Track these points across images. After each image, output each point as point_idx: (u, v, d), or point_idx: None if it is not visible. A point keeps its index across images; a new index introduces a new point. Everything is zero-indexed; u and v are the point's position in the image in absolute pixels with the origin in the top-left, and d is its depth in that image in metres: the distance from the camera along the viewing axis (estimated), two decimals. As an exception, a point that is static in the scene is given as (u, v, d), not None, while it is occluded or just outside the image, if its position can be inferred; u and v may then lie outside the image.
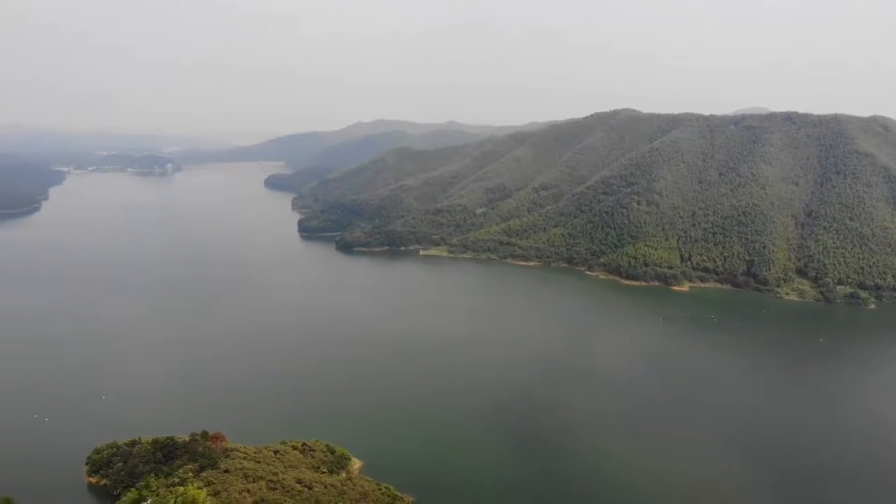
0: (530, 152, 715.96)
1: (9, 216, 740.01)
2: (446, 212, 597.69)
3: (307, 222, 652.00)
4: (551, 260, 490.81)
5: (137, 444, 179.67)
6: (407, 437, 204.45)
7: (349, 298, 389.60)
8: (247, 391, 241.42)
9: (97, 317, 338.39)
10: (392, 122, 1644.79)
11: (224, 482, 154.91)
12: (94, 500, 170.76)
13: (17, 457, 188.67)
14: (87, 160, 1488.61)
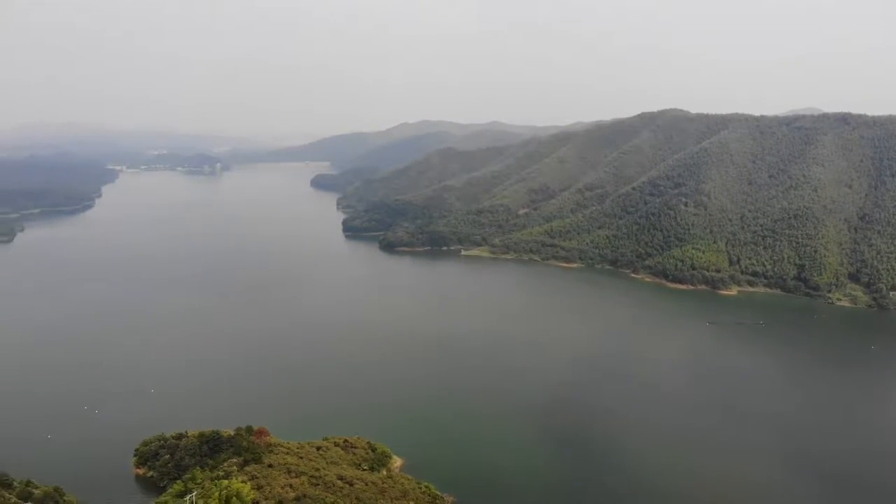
0: (575, 152, 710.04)
1: (64, 213, 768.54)
2: (488, 212, 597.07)
3: (351, 222, 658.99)
4: (595, 262, 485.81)
5: (184, 437, 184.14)
6: (448, 436, 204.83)
7: (391, 297, 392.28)
8: (290, 386, 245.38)
9: (148, 312, 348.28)
10: (436, 123, 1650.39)
11: (267, 477, 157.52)
12: (141, 491, 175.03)
13: (67, 448, 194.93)
14: (138, 159, 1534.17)
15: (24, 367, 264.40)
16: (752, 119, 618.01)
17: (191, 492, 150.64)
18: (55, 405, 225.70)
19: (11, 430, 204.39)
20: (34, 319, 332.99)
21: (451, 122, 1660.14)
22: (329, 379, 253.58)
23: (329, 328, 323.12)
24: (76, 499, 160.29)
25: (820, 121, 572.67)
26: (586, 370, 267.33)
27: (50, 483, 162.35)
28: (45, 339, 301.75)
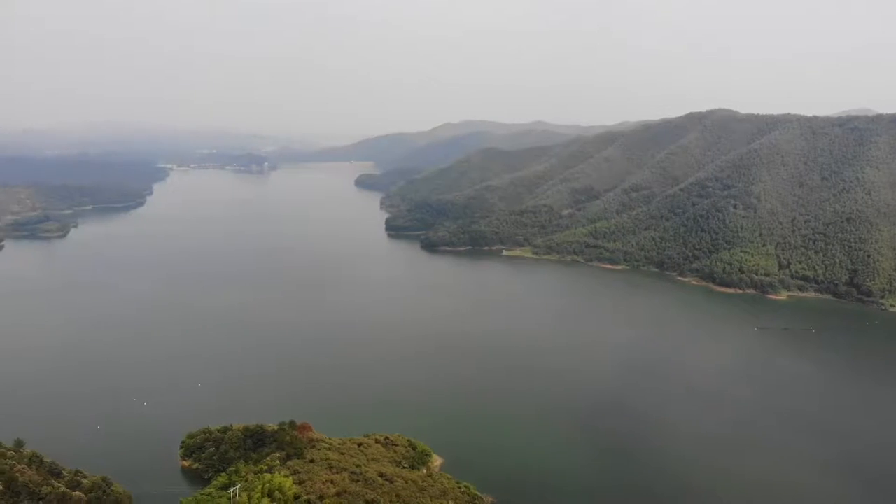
0: (620, 152, 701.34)
1: (117, 209, 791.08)
2: (531, 212, 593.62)
3: (394, 221, 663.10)
4: (640, 264, 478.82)
5: (229, 430, 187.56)
6: (487, 436, 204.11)
7: (432, 296, 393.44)
8: (332, 383, 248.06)
9: (196, 307, 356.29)
10: (479, 123, 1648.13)
11: (309, 472, 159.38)
12: (186, 483, 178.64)
13: (115, 439, 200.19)
14: (188, 158, 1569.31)
15: (76, 359, 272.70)
16: (803, 120, 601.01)
17: (234, 485, 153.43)
18: (105, 397, 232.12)
19: (63, 421, 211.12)
20: (86, 313, 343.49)
21: (494, 122, 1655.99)
22: (371, 376, 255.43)
23: (370, 326, 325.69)
24: (123, 489, 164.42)
25: (874, 122, 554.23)
26: (630, 373, 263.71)
27: (98, 473, 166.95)
28: (96, 332, 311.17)
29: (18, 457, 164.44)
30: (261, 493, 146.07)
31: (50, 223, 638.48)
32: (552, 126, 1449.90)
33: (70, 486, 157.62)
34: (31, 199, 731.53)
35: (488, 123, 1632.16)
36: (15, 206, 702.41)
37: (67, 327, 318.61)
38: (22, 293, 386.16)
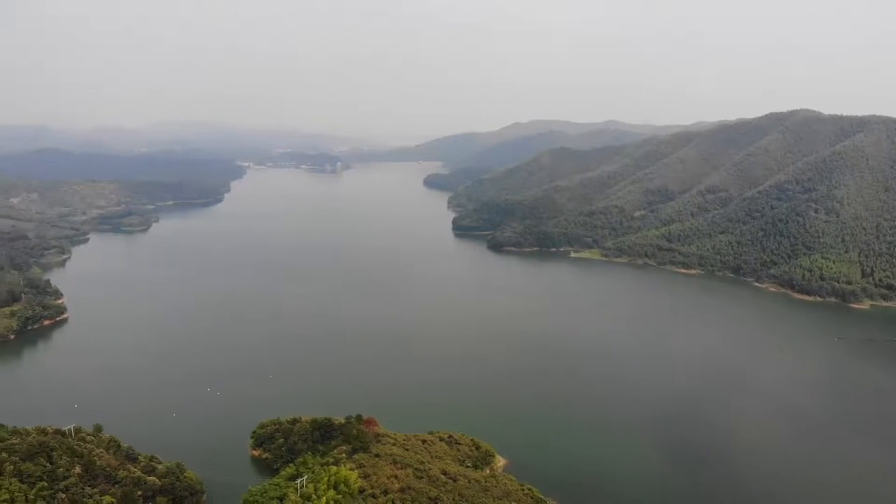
0: (696, 153, 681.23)
1: (197, 206, 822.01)
2: (601, 213, 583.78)
3: (460, 221, 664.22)
4: (715, 268, 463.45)
5: (298, 422, 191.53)
6: (554, 439, 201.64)
7: (497, 296, 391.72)
8: (398, 378, 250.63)
9: (269, 299, 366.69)
10: (549, 122, 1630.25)
11: (374, 466, 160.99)
12: (255, 472, 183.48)
13: (190, 426, 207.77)
14: (265, 156, 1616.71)
15: (155, 349, 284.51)
16: (890, 122, 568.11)
17: (302, 476, 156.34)
18: (181, 386, 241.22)
19: (141, 408, 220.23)
20: (165, 305, 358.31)
21: (565, 122, 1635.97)
22: (436, 373, 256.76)
23: (436, 323, 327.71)
24: (195, 475, 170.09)
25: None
26: (703, 381, 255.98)
27: (172, 459, 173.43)
28: (174, 323, 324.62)
29: (97, 441, 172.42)
30: (326, 486, 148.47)
31: (133, 217, 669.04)
32: (625, 126, 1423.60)
33: (145, 471, 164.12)
34: (116, 194, 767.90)
35: (559, 123, 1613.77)
36: (101, 200, 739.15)
37: (147, 318, 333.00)
38: (103, 285, 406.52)
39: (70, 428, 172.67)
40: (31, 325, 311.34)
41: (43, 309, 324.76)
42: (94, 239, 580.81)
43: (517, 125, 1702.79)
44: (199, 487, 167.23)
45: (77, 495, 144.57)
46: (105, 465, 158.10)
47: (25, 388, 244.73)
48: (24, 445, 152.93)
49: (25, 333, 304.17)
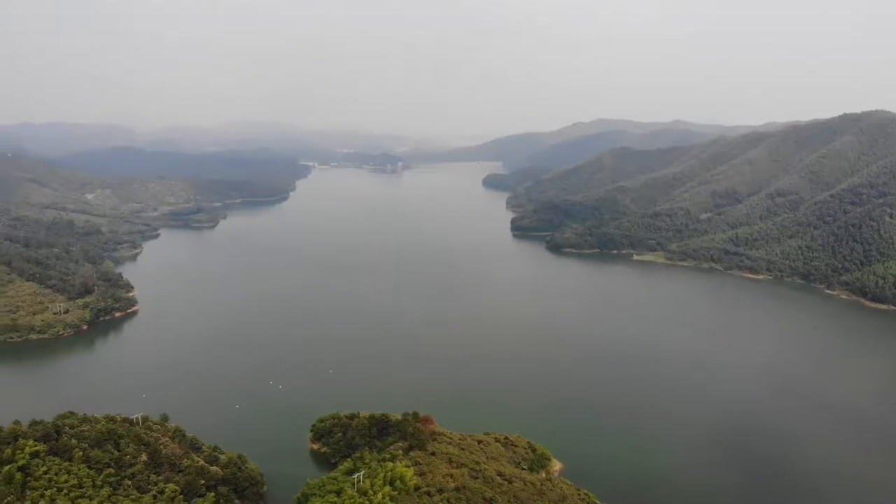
0: (765, 154, 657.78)
1: (265, 203, 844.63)
2: (665, 215, 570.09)
3: (519, 221, 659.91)
4: (784, 274, 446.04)
5: (356, 417, 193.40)
6: (613, 445, 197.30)
7: (556, 298, 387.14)
8: (455, 378, 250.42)
9: (331, 295, 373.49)
10: (612, 122, 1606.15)
11: (430, 464, 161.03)
12: (314, 465, 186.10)
13: (252, 418, 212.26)
14: (329, 156, 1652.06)
15: (220, 342, 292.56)
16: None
17: (359, 471, 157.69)
18: (245, 378, 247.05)
19: (205, 399, 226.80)
20: (230, 299, 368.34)
21: (629, 121, 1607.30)
22: (492, 374, 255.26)
23: (493, 324, 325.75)
24: (256, 466, 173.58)
25: None
26: (767, 391, 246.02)
27: (234, 450, 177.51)
28: (239, 317, 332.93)
29: (163, 430, 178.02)
30: (383, 481, 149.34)
31: (201, 214, 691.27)
32: (692, 126, 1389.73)
33: (208, 460, 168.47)
34: (186, 191, 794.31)
35: (622, 122, 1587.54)
36: (171, 197, 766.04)
37: (213, 312, 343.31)
38: (173, 279, 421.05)
39: (138, 417, 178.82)
40: (103, 317, 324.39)
41: (114, 301, 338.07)
42: (165, 234, 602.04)
43: (579, 125, 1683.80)
44: (260, 479, 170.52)
45: (142, 482, 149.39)
46: (170, 454, 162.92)
47: (96, 378, 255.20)
48: (93, 432, 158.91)
49: (97, 324, 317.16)
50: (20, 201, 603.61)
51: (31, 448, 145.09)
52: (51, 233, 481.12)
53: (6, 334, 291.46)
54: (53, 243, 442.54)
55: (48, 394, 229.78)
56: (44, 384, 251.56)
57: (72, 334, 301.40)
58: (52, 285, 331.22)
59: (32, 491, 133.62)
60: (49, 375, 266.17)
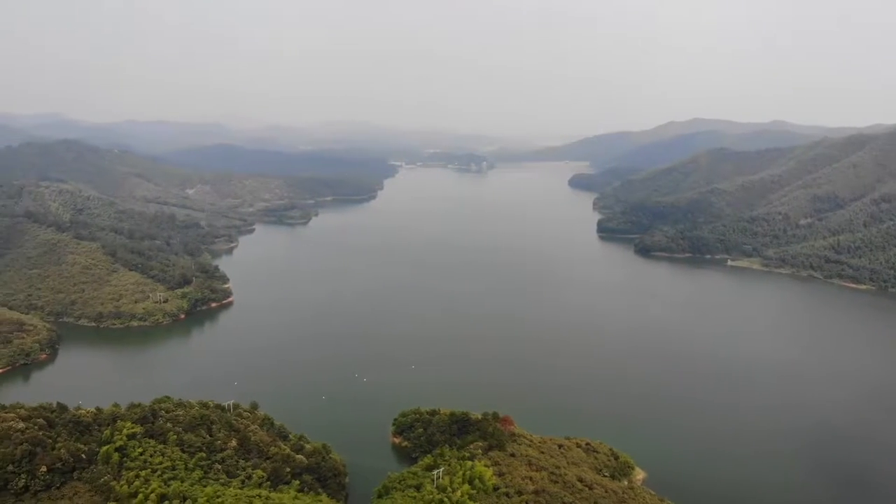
0: (871, 158, 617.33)
1: (354, 201, 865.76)
2: (763, 220, 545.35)
3: (606, 223, 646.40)
4: (889, 285, 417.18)
5: (436, 414, 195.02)
6: (698, 455, 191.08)
7: (644, 303, 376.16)
8: (536, 380, 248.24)
9: (415, 293, 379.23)
10: (708, 122, 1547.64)
11: (509, 465, 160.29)
12: (395, 459, 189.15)
13: (336, 409, 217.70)
14: (416, 156, 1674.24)
15: (310, 334, 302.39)
16: None
17: (438, 468, 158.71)
18: (331, 370, 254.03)
19: (293, 389, 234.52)
20: (320, 293, 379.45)
21: (726, 121, 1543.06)
22: (575, 378, 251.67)
23: (578, 329, 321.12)
24: (340, 457, 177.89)
25: None
26: (867, 406, 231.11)
27: (319, 440, 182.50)
28: (328, 310, 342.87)
29: (252, 418, 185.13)
30: (462, 479, 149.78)
31: (294, 211, 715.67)
32: (793, 127, 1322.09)
33: (294, 449, 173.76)
34: (281, 188, 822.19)
35: (719, 122, 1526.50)
36: (266, 194, 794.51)
37: (304, 305, 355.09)
38: (266, 273, 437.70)
39: (229, 403, 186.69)
40: (200, 307, 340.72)
41: (211, 292, 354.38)
42: (260, 230, 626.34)
43: (673, 124, 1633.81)
44: (343, 469, 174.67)
45: (231, 467, 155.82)
46: (258, 441, 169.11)
47: (191, 364, 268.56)
48: (187, 417, 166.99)
49: (194, 314, 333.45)
50: (125, 195, 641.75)
51: (128, 430, 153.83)
52: (153, 225, 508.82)
53: (109, 321, 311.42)
54: (155, 235, 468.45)
55: (146, 378, 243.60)
56: (142, 369, 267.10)
57: (170, 322, 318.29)
58: (154, 275, 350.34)
59: (128, 471, 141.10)
60: (147, 361, 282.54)
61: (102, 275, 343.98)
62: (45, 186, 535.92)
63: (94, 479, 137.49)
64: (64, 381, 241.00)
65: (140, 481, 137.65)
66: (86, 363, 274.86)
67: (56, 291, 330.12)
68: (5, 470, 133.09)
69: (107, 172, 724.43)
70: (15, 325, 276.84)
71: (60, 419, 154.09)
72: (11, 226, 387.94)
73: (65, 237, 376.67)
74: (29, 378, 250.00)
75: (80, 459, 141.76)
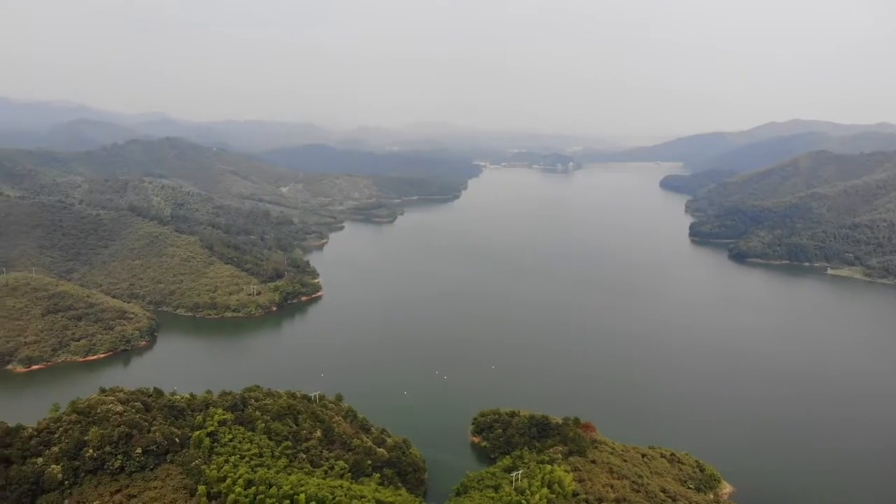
0: None
1: (438, 201, 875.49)
2: (866, 227, 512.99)
3: (699, 227, 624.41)
4: None
5: (516, 415, 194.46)
6: (787, 470, 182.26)
7: (737, 311, 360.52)
8: (619, 387, 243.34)
9: (496, 294, 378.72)
10: (809, 123, 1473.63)
11: (589, 472, 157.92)
12: (474, 458, 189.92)
13: (417, 405, 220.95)
14: (500, 156, 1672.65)
15: (394, 330, 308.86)
16: None
17: (517, 469, 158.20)
18: (413, 366, 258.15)
19: (376, 382, 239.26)
20: (406, 291, 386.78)
21: (828, 123, 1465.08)
22: (661, 387, 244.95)
23: (663, 335, 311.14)
24: (419, 453, 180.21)
25: None
26: None
27: (400, 434, 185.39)
28: (412, 308, 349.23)
29: (337, 409, 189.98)
30: (541, 483, 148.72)
31: (382, 210, 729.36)
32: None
33: (376, 442, 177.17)
34: (369, 187, 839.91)
35: (821, 124, 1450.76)
36: (355, 192, 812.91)
37: (390, 302, 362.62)
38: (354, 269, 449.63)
39: (316, 395, 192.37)
40: (291, 300, 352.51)
41: (301, 286, 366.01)
42: (349, 227, 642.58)
43: (772, 125, 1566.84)
44: (422, 465, 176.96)
45: (315, 457, 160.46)
46: (342, 433, 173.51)
47: (280, 355, 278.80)
48: (275, 406, 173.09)
49: (285, 307, 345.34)
50: (222, 191, 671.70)
51: (219, 416, 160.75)
52: (248, 221, 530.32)
53: (205, 311, 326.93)
54: (250, 231, 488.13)
55: (238, 367, 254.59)
56: (234, 358, 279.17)
57: (262, 314, 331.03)
58: (248, 269, 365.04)
59: (218, 456, 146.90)
60: (240, 350, 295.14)
61: (200, 267, 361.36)
62: (148, 181, 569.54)
63: (186, 463, 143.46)
64: (161, 367, 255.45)
65: (229, 466, 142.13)
66: (182, 351, 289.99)
67: (156, 282, 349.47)
68: (103, 450, 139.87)
69: (205, 169, 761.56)
70: (118, 312, 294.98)
71: (156, 403, 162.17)
72: (116, 218, 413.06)
73: (166, 230, 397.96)
74: (129, 363, 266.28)
75: (174, 443, 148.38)
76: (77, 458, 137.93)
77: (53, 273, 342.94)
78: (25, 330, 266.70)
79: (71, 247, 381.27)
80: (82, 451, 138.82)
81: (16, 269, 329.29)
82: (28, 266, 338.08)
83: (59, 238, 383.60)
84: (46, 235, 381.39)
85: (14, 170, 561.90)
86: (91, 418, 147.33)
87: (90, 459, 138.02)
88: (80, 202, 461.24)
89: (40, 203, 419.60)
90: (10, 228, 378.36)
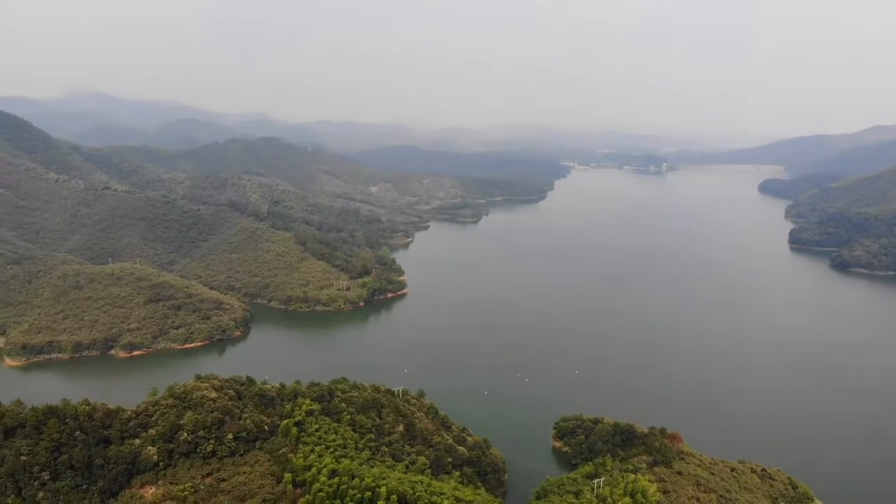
0: None
1: (523, 202, 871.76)
2: None
3: (799, 233, 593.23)
4: None
5: (599, 422, 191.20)
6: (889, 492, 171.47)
7: (839, 324, 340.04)
8: (709, 398, 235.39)
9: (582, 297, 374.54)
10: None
11: (675, 483, 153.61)
12: (555, 463, 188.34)
13: (498, 406, 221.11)
14: (589, 157, 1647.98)
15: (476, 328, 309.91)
16: None
17: (599, 477, 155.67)
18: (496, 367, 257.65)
19: (458, 381, 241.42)
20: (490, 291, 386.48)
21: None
22: (749, 400, 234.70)
23: (758, 347, 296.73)
24: (499, 454, 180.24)
25: None
26: None
27: (481, 434, 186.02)
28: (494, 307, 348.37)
29: (419, 405, 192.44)
30: (623, 492, 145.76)
31: (466, 210, 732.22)
32: None
33: (456, 440, 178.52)
34: (455, 188, 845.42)
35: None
36: (441, 192, 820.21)
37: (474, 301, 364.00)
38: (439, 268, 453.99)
39: (399, 390, 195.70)
40: (378, 296, 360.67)
41: (388, 283, 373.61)
42: (434, 226, 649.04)
43: (879, 128, 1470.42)
44: (502, 466, 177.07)
45: (397, 451, 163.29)
46: (423, 429, 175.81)
47: (367, 349, 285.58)
48: (360, 399, 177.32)
49: (372, 302, 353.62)
50: (316, 189, 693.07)
51: (307, 406, 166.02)
52: (339, 219, 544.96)
53: (297, 304, 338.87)
54: (341, 228, 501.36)
55: (326, 359, 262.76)
56: (323, 350, 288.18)
57: (350, 309, 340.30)
58: (338, 265, 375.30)
59: (304, 445, 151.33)
60: (328, 343, 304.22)
61: (293, 262, 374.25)
62: (246, 179, 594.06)
63: (274, 450, 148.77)
64: (253, 356, 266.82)
65: (315, 456, 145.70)
66: (273, 342, 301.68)
67: (252, 275, 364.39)
68: (197, 434, 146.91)
69: (300, 168, 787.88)
70: (215, 303, 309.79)
71: (248, 391, 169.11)
72: (216, 213, 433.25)
73: (262, 226, 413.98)
74: (224, 352, 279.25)
75: (263, 430, 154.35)
76: (172, 440, 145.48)
77: (156, 264, 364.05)
78: (129, 317, 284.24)
79: (173, 239, 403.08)
80: (177, 435, 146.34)
81: (121, 259, 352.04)
82: (133, 257, 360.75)
83: (162, 231, 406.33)
84: (150, 228, 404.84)
85: (122, 165, 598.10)
86: (187, 403, 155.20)
87: (184, 443, 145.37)
88: (182, 197, 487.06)
89: (145, 198, 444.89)
90: (117, 221, 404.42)
